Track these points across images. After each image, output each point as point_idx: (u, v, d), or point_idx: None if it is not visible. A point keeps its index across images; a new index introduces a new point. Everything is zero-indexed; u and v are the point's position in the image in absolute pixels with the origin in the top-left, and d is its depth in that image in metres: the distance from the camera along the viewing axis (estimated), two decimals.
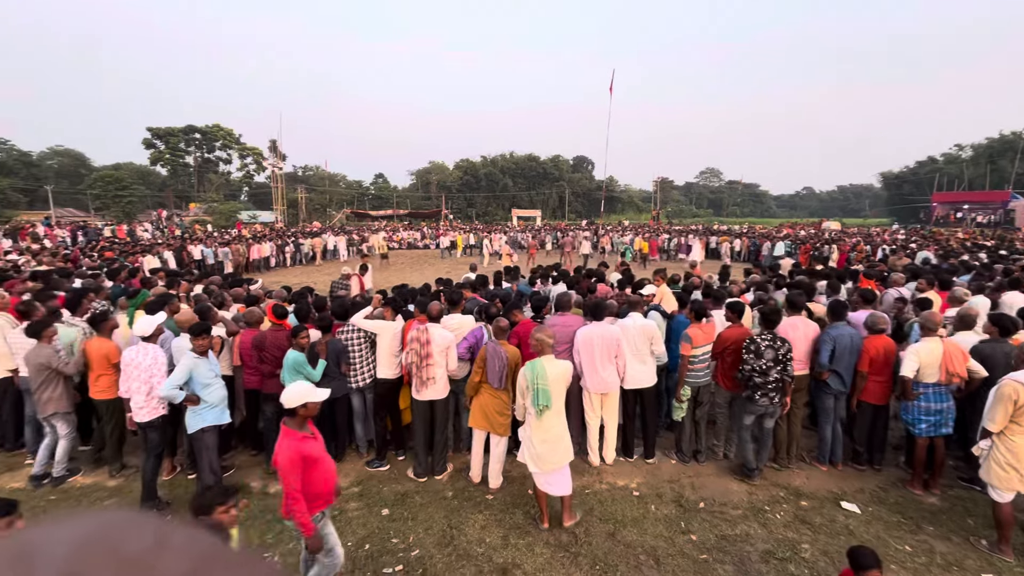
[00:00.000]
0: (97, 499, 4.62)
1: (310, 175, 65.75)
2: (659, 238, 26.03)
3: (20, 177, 49.08)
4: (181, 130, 57.21)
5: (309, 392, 3.06)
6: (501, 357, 4.50)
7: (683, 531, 4.16)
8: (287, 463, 2.93)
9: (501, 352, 4.51)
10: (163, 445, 4.56)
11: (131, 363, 4.38)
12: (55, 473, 4.89)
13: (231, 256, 18.91)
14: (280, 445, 3.00)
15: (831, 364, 4.94)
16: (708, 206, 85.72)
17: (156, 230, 31.16)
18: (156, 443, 4.46)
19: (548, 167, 70.06)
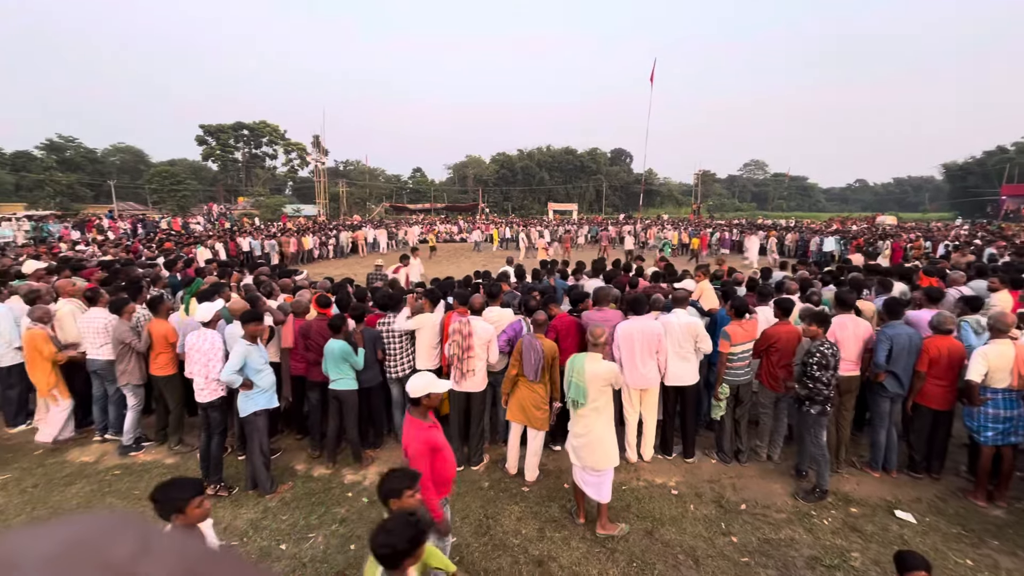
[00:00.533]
0: (157, 475, 4.90)
1: (351, 169, 67.37)
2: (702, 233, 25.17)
3: (86, 173, 52.50)
4: (231, 127, 59.71)
5: (432, 383, 3.05)
6: (537, 350, 4.48)
7: (723, 532, 4.06)
8: (417, 452, 2.93)
9: (537, 345, 4.50)
10: (224, 424, 4.76)
11: (192, 347, 4.61)
12: (124, 442, 5.33)
13: (277, 248, 19.63)
14: (409, 435, 3.02)
15: (887, 365, 4.69)
16: (752, 199, 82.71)
17: (208, 223, 32.70)
18: (218, 422, 4.66)
19: (585, 160, 69.26)
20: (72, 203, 44.78)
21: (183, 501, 2.31)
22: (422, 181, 72.53)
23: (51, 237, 20.22)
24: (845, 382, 4.85)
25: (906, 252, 16.53)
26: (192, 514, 2.33)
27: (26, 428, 5.83)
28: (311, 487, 4.72)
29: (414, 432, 3.00)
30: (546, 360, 4.51)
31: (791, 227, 28.62)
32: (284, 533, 4.05)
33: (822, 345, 4.38)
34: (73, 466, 5.10)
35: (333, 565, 3.67)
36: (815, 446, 4.51)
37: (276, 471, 4.89)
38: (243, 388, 4.43)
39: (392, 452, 5.37)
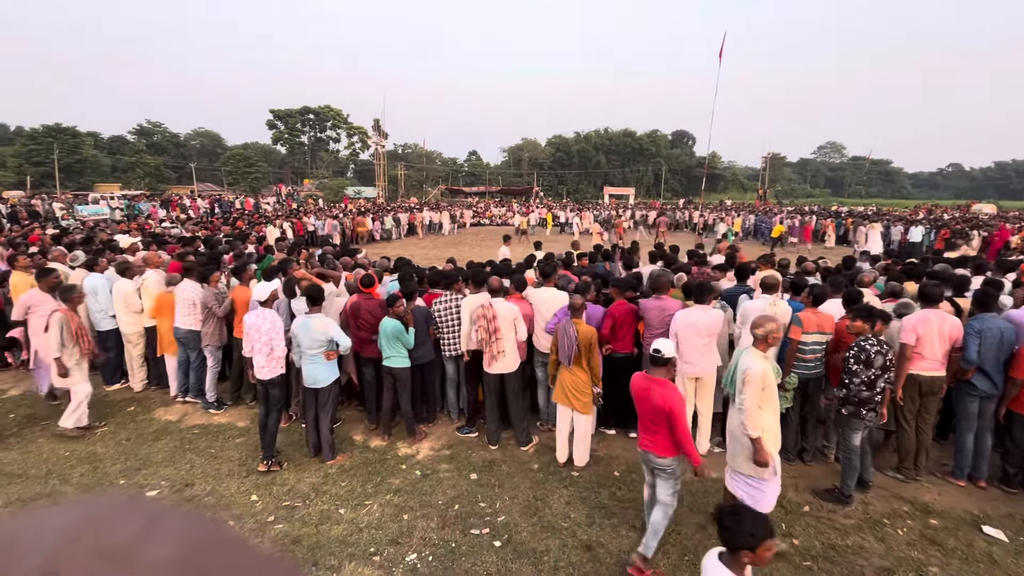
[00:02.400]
0: (231, 435, 5.28)
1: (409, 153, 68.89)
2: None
3: (171, 156, 56.84)
4: (298, 111, 62.43)
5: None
6: (570, 336, 4.40)
7: (784, 533, 3.86)
8: (678, 408, 3.25)
9: (571, 331, 4.41)
10: (283, 401, 5.01)
11: (252, 326, 4.70)
12: (208, 398, 5.89)
13: (339, 228, 20.44)
14: (666, 395, 3.28)
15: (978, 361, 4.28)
16: (826, 185, 77.26)
17: (277, 203, 34.54)
18: (278, 399, 4.79)
19: (644, 143, 67.08)
20: (159, 184, 48.69)
21: (756, 540, 2.15)
22: (477, 164, 73.02)
23: (141, 215, 22.06)
24: (927, 383, 4.45)
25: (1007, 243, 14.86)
26: (761, 556, 2.16)
27: (121, 387, 6.45)
28: (367, 457, 4.93)
29: (669, 392, 3.29)
30: (582, 345, 4.41)
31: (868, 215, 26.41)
32: (343, 499, 4.25)
33: (865, 340, 4.06)
34: (159, 423, 5.59)
35: (387, 532, 3.83)
36: (844, 448, 4.23)
37: (336, 440, 5.14)
38: (329, 357, 4.65)
39: (444, 428, 5.50)
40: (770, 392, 3.40)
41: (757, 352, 3.46)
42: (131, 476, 4.58)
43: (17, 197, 23.73)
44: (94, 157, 49.76)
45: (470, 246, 21.18)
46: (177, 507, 0.34)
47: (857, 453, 4.18)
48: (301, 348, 4.63)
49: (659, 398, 3.28)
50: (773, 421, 3.47)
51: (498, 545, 3.70)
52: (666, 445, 3.37)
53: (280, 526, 3.91)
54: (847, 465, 4.20)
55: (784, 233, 20.89)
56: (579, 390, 4.54)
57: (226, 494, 4.32)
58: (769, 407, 3.42)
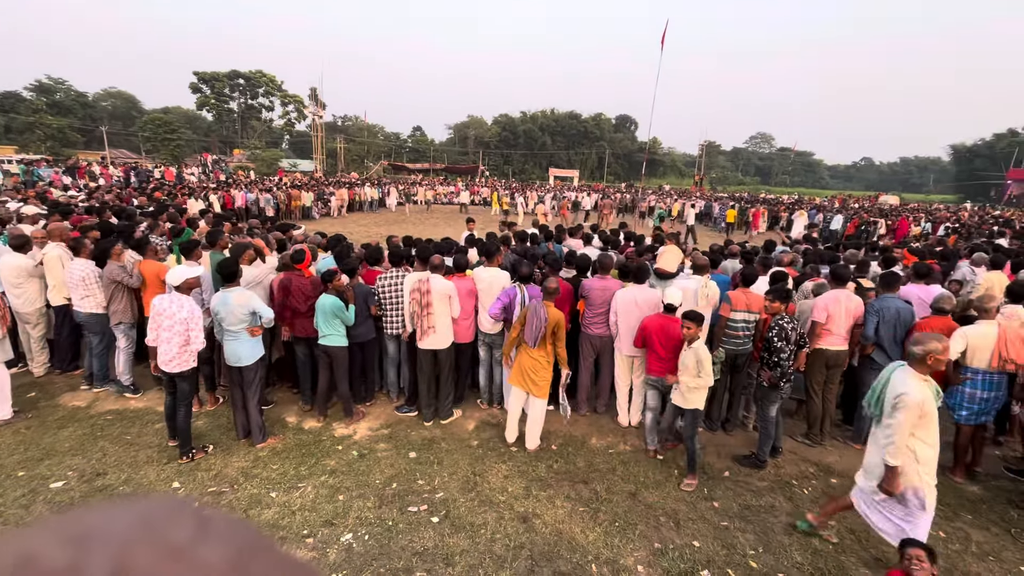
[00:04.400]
0: (149, 421, 4.93)
1: (349, 125, 65.79)
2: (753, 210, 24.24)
3: (77, 117, 51.04)
4: (226, 75, 57.78)
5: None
6: (540, 318, 4.42)
7: (705, 497, 4.15)
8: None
9: (542, 313, 4.43)
10: (192, 395, 4.50)
11: (163, 313, 4.10)
12: (124, 381, 5.45)
13: (272, 202, 19.31)
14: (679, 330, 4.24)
15: (875, 337, 4.73)
16: (755, 174, 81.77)
17: (202, 174, 32.06)
18: (187, 393, 4.33)
19: (590, 126, 67.87)
20: (63, 148, 43.69)
21: None
22: (422, 140, 71.06)
23: (41, 182, 19.75)
24: (833, 356, 4.87)
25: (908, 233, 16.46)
26: None
27: (18, 371, 5.82)
28: (302, 439, 4.77)
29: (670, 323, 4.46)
30: (549, 328, 4.44)
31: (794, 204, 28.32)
32: (274, 482, 4.10)
33: (781, 319, 4.39)
34: (66, 410, 5.12)
35: (321, 514, 3.74)
36: (762, 418, 4.59)
37: (267, 422, 4.93)
38: (253, 333, 4.40)
39: (383, 408, 5.42)
40: (929, 420, 3.02)
41: (915, 374, 3.03)
42: (32, 467, 4.17)
43: None
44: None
45: (413, 224, 20.73)
46: (222, 512, 0.36)
47: (773, 422, 4.53)
48: (223, 325, 4.35)
49: (676, 331, 4.32)
50: (931, 452, 3.08)
51: (435, 521, 3.72)
52: (676, 369, 4.30)
53: None
54: (764, 433, 4.55)
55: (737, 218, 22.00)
56: (538, 374, 4.53)
57: (144, 483, 4.05)
58: (925, 434, 3.05)
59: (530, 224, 12.16)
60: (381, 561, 3.33)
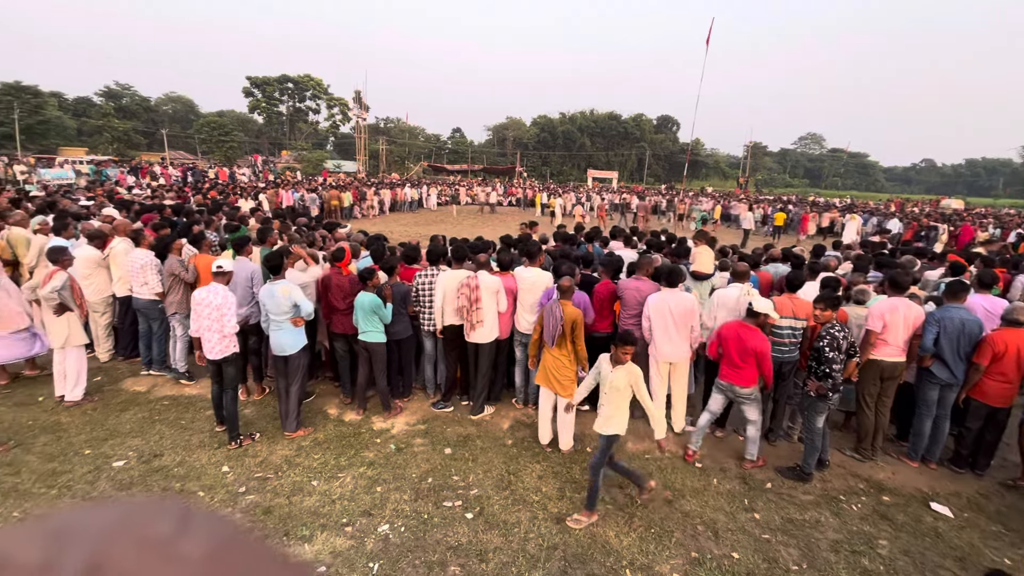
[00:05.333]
0: (202, 407, 5.20)
1: (391, 127, 67.22)
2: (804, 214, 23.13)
3: (141, 120, 54.34)
4: (276, 79, 60.12)
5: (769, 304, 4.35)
6: (556, 316, 4.40)
7: (746, 508, 4.02)
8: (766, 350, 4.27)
9: (557, 312, 4.41)
10: (239, 380, 4.73)
11: (202, 301, 4.36)
12: (179, 368, 5.78)
13: (318, 201, 19.98)
14: (757, 339, 4.25)
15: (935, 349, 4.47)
16: (804, 175, 78.49)
17: (253, 175, 33.52)
18: (232, 377, 4.54)
19: (630, 127, 66.90)
20: (128, 149, 46.64)
21: None
22: (461, 142, 71.79)
23: (109, 181, 21.16)
24: (888, 368, 4.63)
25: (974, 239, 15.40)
26: None
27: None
28: (342, 431, 4.92)
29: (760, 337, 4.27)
30: (566, 327, 4.40)
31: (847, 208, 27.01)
32: (316, 471, 4.25)
33: (832, 327, 4.20)
34: (127, 394, 5.47)
35: (360, 504, 3.85)
36: (807, 429, 4.39)
37: (309, 414, 5.11)
38: (296, 324, 4.59)
39: (420, 404, 5.52)
40: None
41: None
42: (97, 446, 4.48)
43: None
44: (58, 119, 47.26)
45: (451, 224, 21.00)
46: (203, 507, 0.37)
47: (820, 434, 4.35)
48: (270, 316, 4.57)
49: (752, 340, 4.23)
50: None
51: (470, 517, 3.76)
52: (749, 377, 4.33)
53: (251, 497, 3.89)
54: (810, 445, 4.37)
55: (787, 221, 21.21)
56: (561, 373, 4.51)
57: (196, 465, 4.28)
58: None
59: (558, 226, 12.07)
60: (416, 553, 3.40)
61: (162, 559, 0.30)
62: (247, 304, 5.17)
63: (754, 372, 4.33)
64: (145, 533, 0.31)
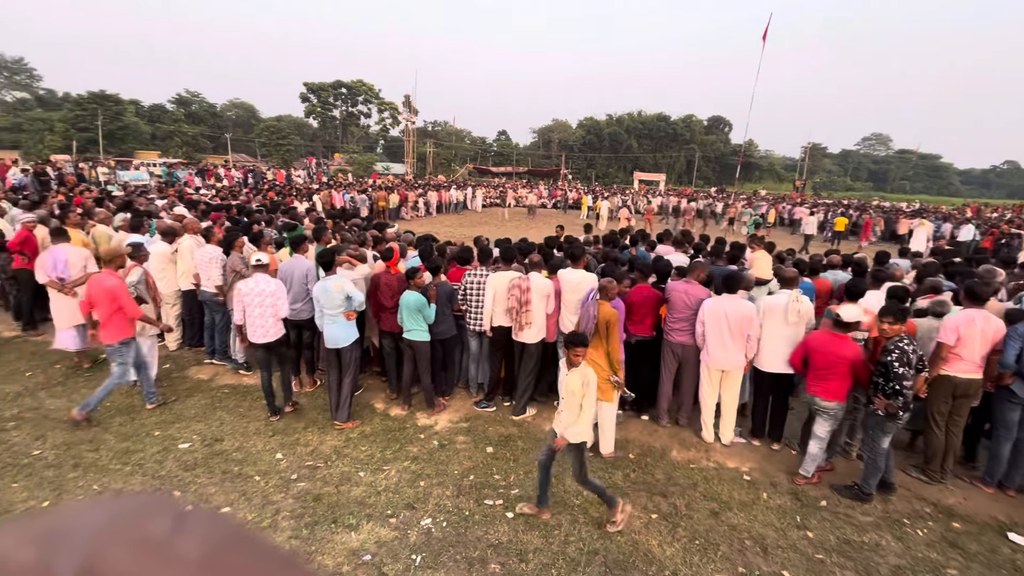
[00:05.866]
0: (257, 397, 5.47)
1: (438, 130, 68.63)
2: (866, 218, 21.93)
3: (207, 126, 58.01)
4: (331, 85, 62.69)
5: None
6: (591, 314, 4.40)
7: (798, 526, 3.84)
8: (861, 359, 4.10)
9: (592, 310, 4.41)
10: (290, 358, 5.38)
11: (251, 292, 4.74)
12: (239, 359, 6.14)
13: (368, 203, 20.65)
14: (848, 349, 4.08)
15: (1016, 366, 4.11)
16: (868, 178, 74.09)
17: (307, 176, 35.02)
18: (285, 355, 5.15)
19: (679, 128, 65.37)
20: (195, 152, 49.90)
21: None
22: (506, 144, 72.32)
23: (179, 182, 22.68)
24: (962, 385, 4.30)
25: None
26: None
27: None
28: (388, 425, 5.06)
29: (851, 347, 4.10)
30: (600, 325, 4.37)
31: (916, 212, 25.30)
32: (362, 462, 4.40)
33: (901, 341, 3.91)
34: (192, 381, 5.85)
35: (404, 497, 3.95)
36: (869, 448, 4.12)
37: (357, 407, 5.29)
38: (349, 318, 4.81)
39: (463, 402, 5.59)
40: None
41: None
42: (165, 428, 4.82)
43: (63, 162, 24.66)
44: (135, 125, 51.15)
45: (496, 226, 21.18)
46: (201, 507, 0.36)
47: (883, 454, 4.09)
48: (323, 310, 4.79)
49: (843, 349, 4.06)
50: None
51: (510, 516, 3.79)
52: (835, 390, 4.12)
53: (302, 484, 4.07)
54: (871, 465, 4.12)
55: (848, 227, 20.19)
56: (598, 375, 4.46)
57: (253, 451, 4.52)
58: None
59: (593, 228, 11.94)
60: (458, 548, 3.45)
61: (158, 559, 0.29)
62: (301, 300, 5.41)
63: (840, 385, 4.12)
64: (140, 533, 0.30)
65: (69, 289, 5.81)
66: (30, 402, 5.16)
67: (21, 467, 4.14)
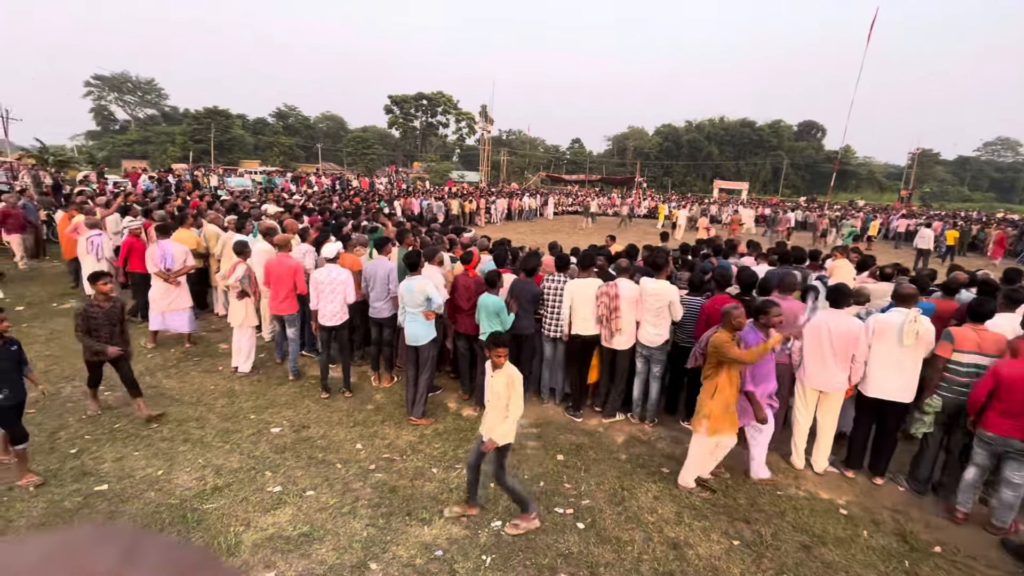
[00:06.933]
0: (340, 389, 5.79)
1: (513, 139, 69.73)
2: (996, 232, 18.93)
3: (301, 137, 62.99)
4: (412, 97, 65.86)
5: None
6: (701, 344, 4.21)
7: (906, 571, 3.44)
8: None
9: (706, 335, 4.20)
10: (351, 344, 5.95)
11: (322, 281, 5.39)
12: None
13: (444, 209, 21.36)
14: None
15: None
16: (990, 188, 65.80)
17: (389, 183, 36.88)
18: (346, 341, 5.71)
19: (765, 134, 61.87)
20: (290, 161, 54.30)
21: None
22: (580, 152, 72.05)
23: (276, 188, 24.76)
24: None
25: None
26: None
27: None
28: (460, 424, 5.16)
29: None
30: (708, 351, 3.96)
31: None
32: (436, 459, 4.51)
33: None
34: (283, 371, 6.29)
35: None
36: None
37: (431, 406, 5.43)
38: (428, 317, 5.00)
39: (533, 408, 5.57)
40: None
41: None
42: (260, 412, 5.22)
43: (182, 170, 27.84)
44: (241, 136, 56.74)
45: (567, 233, 21.07)
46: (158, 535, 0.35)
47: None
48: (406, 308, 5.01)
49: None
50: None
51: (581, 527, 3.71)
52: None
53: (380, 475, 4.24)
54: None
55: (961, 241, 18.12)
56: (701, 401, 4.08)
57: (335, 440, 4.78)
58: None
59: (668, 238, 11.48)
60: (527, 554, 3.43)
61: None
62: (383, 299, 5.65)
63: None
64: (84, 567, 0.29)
65: (173, 278, 6.47)
66: (149, 380, 5.80)
67: (142, 438, 4.66)
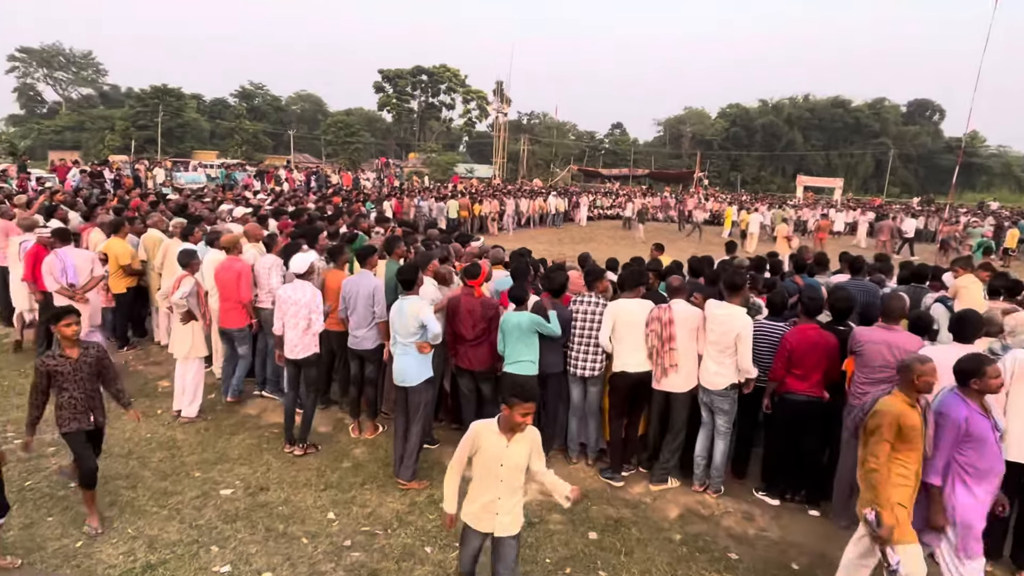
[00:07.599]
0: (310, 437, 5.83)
1: (536, 124, 70.58)
2: None
3: (270, 121, 64.96)
4: (409, 72, 67.60)
5: None
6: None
7: None
8: None
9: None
10: (319, 383, 5.89)
11: (287, 299, 5.39)
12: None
13: (446, 212, 21.53)
14: None
15: None
16: None
17: (377, 179, 37.62)
18: (313, 379, 5.68)
19: (864, 116, 61.70)
20: (255, 152, 55.93)
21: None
22: (622, 141, 72.58)
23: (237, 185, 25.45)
24: None
25: None
26: None
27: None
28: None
29: None
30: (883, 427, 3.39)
31: None
32: (430, 535, 4.47)
33: None
34: (238, 416, 6.39)
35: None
36: None
37: (426, 464, 5.41)
38: (423, 350, 4.99)
39: (559, 468, 5.48)
40: None
41: None
42: (207, 470, 5.26)
43: (121, 163, 28.80)
44: (195, 121, 58.76)
45: (605, 243, 21.11)
46: None
47: None
48: (397, 337, 5.04)
49: None
50: None
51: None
52: None
53: (357, 554, 4.21)
54: None
55: None
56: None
57: (301, 506, 4.78)
58: None
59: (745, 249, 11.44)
60: None
61: None
62: (365, 325, 5.68)
63: None
64: None
65: (80, 295, 6.56)
66: None
67: (58, 499, 4.72)
